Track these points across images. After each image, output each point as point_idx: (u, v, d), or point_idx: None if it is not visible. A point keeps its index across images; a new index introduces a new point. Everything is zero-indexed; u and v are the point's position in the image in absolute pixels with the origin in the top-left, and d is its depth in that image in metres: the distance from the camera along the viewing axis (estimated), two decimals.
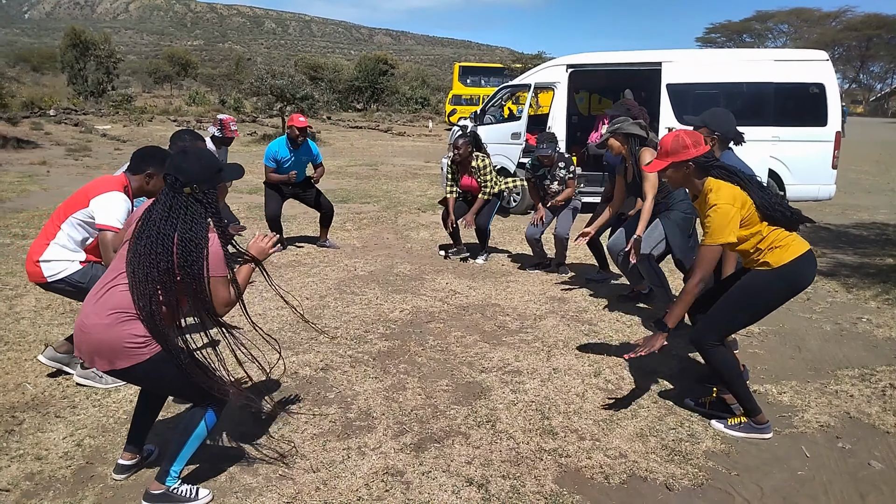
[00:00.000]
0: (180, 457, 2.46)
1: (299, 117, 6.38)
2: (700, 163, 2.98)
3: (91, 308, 2.37)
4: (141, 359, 2.31)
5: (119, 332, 2.29)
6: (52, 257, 3.29)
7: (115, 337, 2.29)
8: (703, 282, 2.92)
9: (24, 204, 8.72)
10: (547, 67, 9.45)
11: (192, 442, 2.46)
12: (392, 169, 14.39)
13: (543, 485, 2.69)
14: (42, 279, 3.31)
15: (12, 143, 15.26)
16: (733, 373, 3.06)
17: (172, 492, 2.45)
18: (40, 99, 25.10)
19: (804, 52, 8.85)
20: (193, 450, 2.48)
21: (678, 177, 3.07)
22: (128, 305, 2.31)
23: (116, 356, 2.31)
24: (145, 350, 2.31)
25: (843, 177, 10.45)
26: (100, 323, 2.31)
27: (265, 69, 22.46)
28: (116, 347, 2.29)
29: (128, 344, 2.29)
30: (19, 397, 3.35)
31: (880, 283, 5.63)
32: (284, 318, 4.60)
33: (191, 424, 2.47)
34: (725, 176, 2.96)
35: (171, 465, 2.45)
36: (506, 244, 7.23)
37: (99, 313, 2.33)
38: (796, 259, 2.94)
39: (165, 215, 2.36)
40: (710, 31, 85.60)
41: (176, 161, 2.45)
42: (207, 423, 2.49)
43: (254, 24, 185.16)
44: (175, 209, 2.37)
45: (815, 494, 2.67)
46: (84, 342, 2.35)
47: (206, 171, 2.44)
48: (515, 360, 3.96)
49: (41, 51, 53.70)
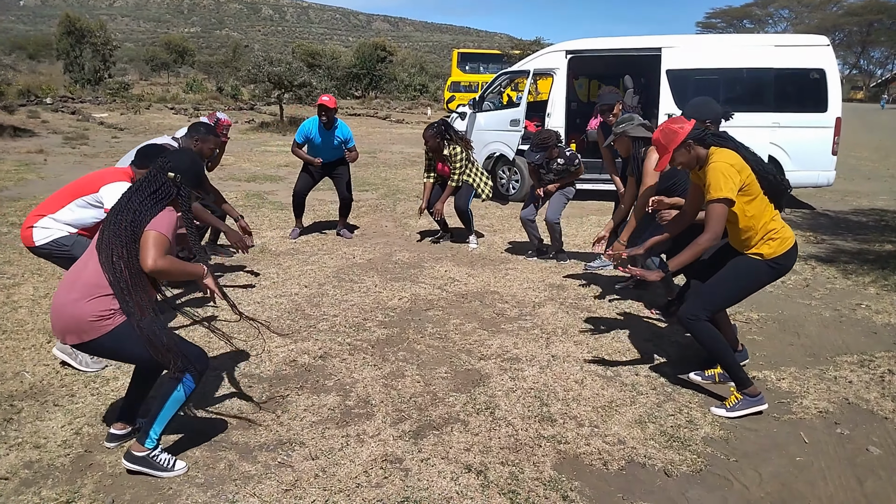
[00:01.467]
0: (159, 419, 2.57)
1: (323, 96, 6.35)
2: (696, 136, 3.13)
3: (63, 286, 2.52)
4: (105, 330, 2.44)
5: (84, 307, 2.42)
6: (45, 224, 3.49)
7: (81, 312, 2.42)
8: (715, 238, 3.01)
9: (21, 192, 8.68)
10: (546, 53, 9.38)
11: (169, 406, 2.57)
12: (390, 156, 14.34)
13: (542, 471, 2.69)
14: (31, 243, 3.50)
15: (9, 132, 15.17)
16: (719, 345, 3.16)
17: (152, 457, 2.58)
18: (37, 87, 24.93)
19: (805, 37, 8.79)
20: (172, 413, 2.58)
21: (687, 157, 3.18)
22: (96, 283, 2.44)
23: (83, 330, 2.44)
24: (109, 322, 2.44)
25: (842, 163, 10.41)
26: (68, 299, 2.45)
27: (262, 56, 22.28)
28: (82, 322, 2.42)
29: (92, 318, 2.42)
30: (17, 386, 3.35)
31: (879, 270, 5.62)
32: (283, 307, 4.59)
33: (169, 389, 2.58)
34: (720, 142, 3.13)
35: (150, 428, 2.57)
36: (504, 231, 7.22)
37: (69, 290, 2.47)
38: (787, 252, 3.11)
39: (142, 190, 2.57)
40: (711, 17, 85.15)
41: (173, 152, 2.77)
42: (185, 388, 2.58)
43: (251, 10, 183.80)
44: (148, 182, 2.59)
45: (813, 480, 2.67)
46: (56, 319, 2.49)
47: (193, 171, 2.70)
48: (514, 347, 3.96)
49: (37, 38, 53.34)
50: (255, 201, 8.53)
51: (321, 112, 6.25)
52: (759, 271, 3.12)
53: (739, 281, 3.17)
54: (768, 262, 3.09)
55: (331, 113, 6.26)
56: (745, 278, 3.16)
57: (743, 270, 3.14)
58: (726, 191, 2.95)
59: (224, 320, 4.26)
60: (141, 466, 2.57)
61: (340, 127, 6.44)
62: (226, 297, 2.84)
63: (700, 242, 3.03)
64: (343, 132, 6.46)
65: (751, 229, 3.09)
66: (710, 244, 3.02)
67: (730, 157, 3.03)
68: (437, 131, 6.12)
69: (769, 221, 3.09)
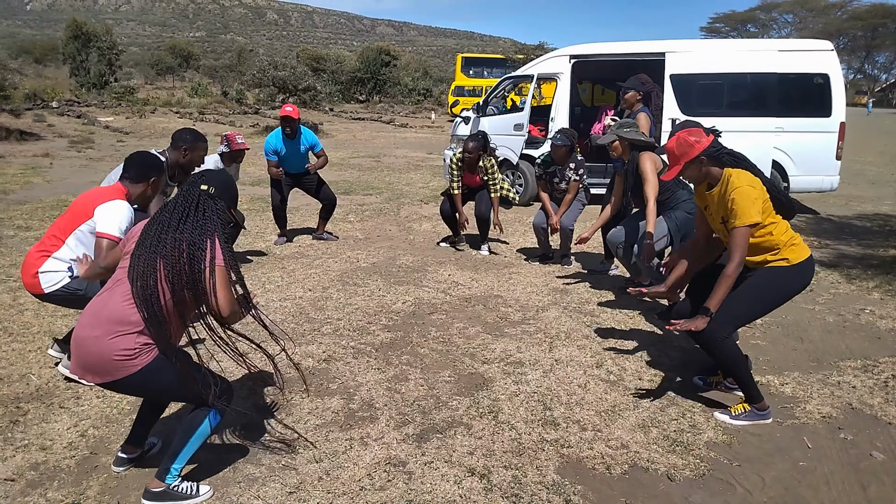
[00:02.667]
0: (181, 455, 2.44)
1: (286, 107, 6.29)
2: (710, 153, 3.07)
3: (86, 319, 2.35)
4: (132, 370, 2.29)
5: (110, 345, 2.27)
6: (50, 268, 3.22)
7: (106, 350, 2.27)
8: (741, 265, 2.94)
9: (27, 196, 8.74)
10: (550, 58, 9.40)
11: (194, 441, 2.45)
12: (394, 160, 14.37)
13: (545, 475, 2.70)
14: (40, 290, 3.24)
15: (15, 136, 15.26)
16: (739, 362, 3.11)
17: (173, 489, 2.43)
18: (43, 91, 25.06)
19: (809, 41, 8.79)
20: (195, 448, 2.47)
21: (696, 173, 3.13)
22: (121, 318, 2.29)
23: (107, 369, 2.29)
24: (136, 361, 2.29)
25: (847, 168, 10.39)
26: (91, 335, 2.29)
27: (267, 61, 22.45)
28: (107, 360, 2.27)
29: (117, 357, 2.27)
30: (24, 388, 3.37)
31: (883, 275, 5.61)
32: (287, 311, 4.61)
33: (194, 423, 2.45)
34: (734, 162, 3.07)
35: (171, 464, 2.43)
36: (508, 236, 7.23)
37: (92, 325, 2.31)
38: (809, 258, 3.09)
39: (178, 213, 2.38)
40: (715, 21, 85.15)
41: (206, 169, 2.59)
42: (211, 423, 2.47)
43: (256, 15, 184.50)
44: (189, 206, 2.39)
45: (816, 485, 2.67)
46: (78, 356, 2.33)
47: (228, 187, 2.53)
48: (517, 351, 3.97)
49: (43, 42, 53.59)
50: (260, 205, 8.56)
51: (285, 123, 6.19)
52: (790, 280, 3.07)
53: (769, 293, 3.09)
54: (796, 268, 3.04)
55: (294, 123, 6.20)
56: (773, 290, 3.08)
57: (771, 282, 3.07)
58: (754, 216, 2.90)
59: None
60: (163, 502, 2.43)
61: (304, 134, 6.40)
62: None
63: (728, 274, 2.92)
64: (308, 139, 6.41)
65: (770, 239, 3.04)
66: (738, 271, 2.93)
67: (750, 180, 2.98)
68: (481, 143, 6.10)
69: (786, 231, 3.07)
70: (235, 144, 5.35)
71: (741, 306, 3.09)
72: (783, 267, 3.05)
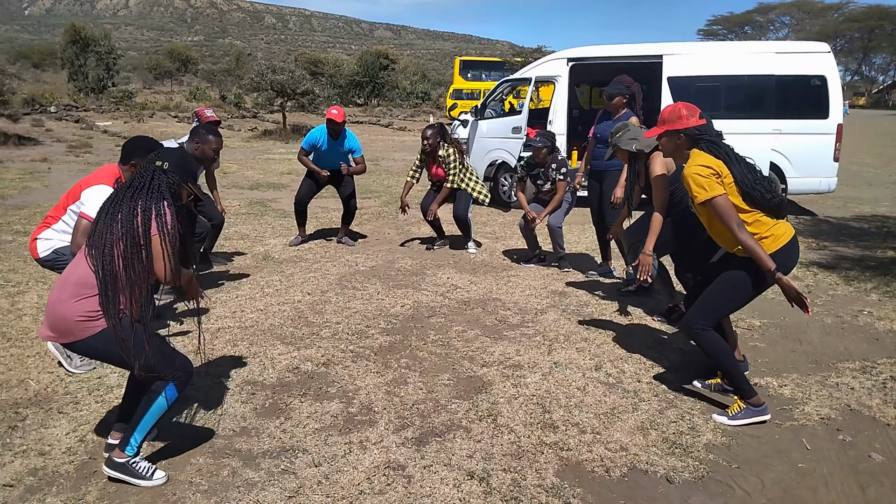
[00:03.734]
0: (139, 427, 2.56)
1: (332, 109, 6.41)
2: (691, 134, 3.13)
3: (57, 284, 2.53)
4: (92, 332, 2.44)
5: (74, 307, 2.43)
6: (47, 236, 3.61)
7: (70, 311, 2.43)
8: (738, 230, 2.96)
9: (25, 201, 8.73)
10: (548, 61, 9.42)
11: (151, 414, 2.56)
12: (393, 164, 14.38)
13: (544, 478, 2.70)
14: (36, 255, 3.63)
15: (13, 140, 15.25)
16: (725, 355, 3.15)
17: (131, 464, 2.57)
18: (41, 95, 25.09)
19: (806, 44, 8.81)
20: (153, 421, 2.59)
21: (670, 146, 3.23)
22: (86, 281, 2.44)
23: (70, 329, 2.44)
24: (96, 323, 2.44)
25: (844, 169, 10.40)
26: (59, 298, 2.46)
27: (265, 64, 22.40)
28: (70, 321, 2.43)
29: (80, 318, 2.42)
30: (22, 393, 3.37)
31: (881, 276, 5.62)
32: (286, 314, 4.60)
33: (151, 397, 2.57)
34: (712, 149, 3.07)
35: (131, 435, 2.56)
36: (506, 238, 7.23)
37: (60, 289, 2.49)
38: (782, 248, 3.02)
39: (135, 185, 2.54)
40: (712, 24, 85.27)
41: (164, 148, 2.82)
42: (168, 397, 2.58)
43: (254, 19, 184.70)
44: (144, 179, 2.55)
45: (815, 486, 2.67)
46: (46, 317, 2.51)
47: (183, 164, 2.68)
48: (516, 354, 3.97)
49: (41, 47, 53.69)
50: (258, 209, 8.56)
51: (329, 126, 6.32)
52: (759, 271, 3.01)
53: (741, 285, 3.09)
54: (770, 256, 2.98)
55: (339, 127, 6.34)
56: (745, 281, 3.08)
57: (742, 273, 3.08)
58: (711, 189, 2.94)
59: (227, 328, 4.28)
60: (120, 473, 2.57)
61: (349, 137, 6.54)
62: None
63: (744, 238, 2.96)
64: (351, 142, 6.54)
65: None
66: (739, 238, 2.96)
67: (702, 160, 3.01)
68: (438, 130, 6.30)
69: (753, 223, 3.01)
70: (205, 117, 5.54)
71: (717, 298, 3.15)
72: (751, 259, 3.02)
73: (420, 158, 6.47)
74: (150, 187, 2.53)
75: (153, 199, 2.50)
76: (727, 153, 3.06)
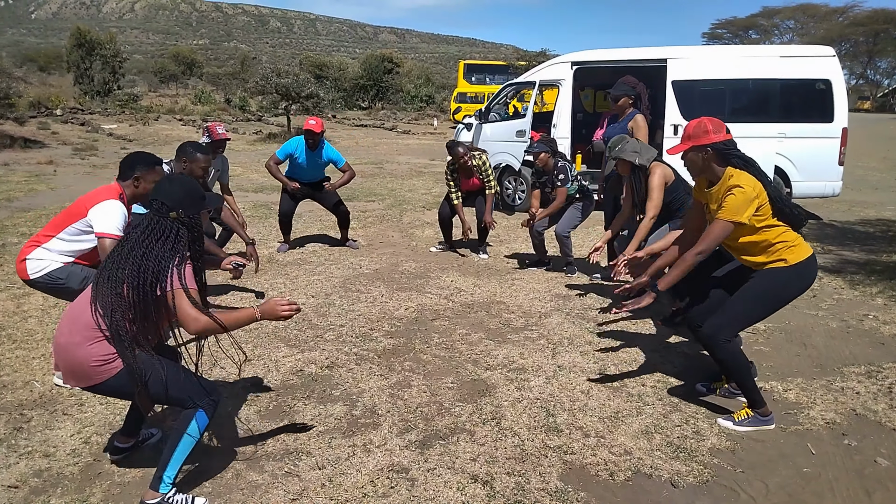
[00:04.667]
0: (172, 461, 2.40)
1: (310, 119, 6.28)
2: (719, 149, 3.06)
3: (65, 325, 2.40)
4: (109, 375, 2.33)
5: (88, 351, 2.32)
6: (36, 257, 3.36)
7: (83, 357, 2.32)
8: (703, 254, 3.00)
9: (31, 203, 8.77)
10: (552, 65, 9.43)
11: (183, 445, 2.41)
12: (397, 167, 14.40)
13: (548, 482, 2.69)
14: (26, 276, 3.38)
15: (19, 143, 15.33)
16: (742, 367, 3.11)
17: (168, 501, 2.40)
18: (47, 99, 25.16)
19: (810, 47, 8.81)
20: (186, 453, 2.42)
21: (697, 161, 3.13)
22: (96, 326, 2.33)
23: (86, 374, 2.34)
24: (114, 364, 2.33)
25: (849, 173, 10.40)
26: (70, 342, 2.34)
27: (270, 68, 22.52)
28: (85, 366, 2.33)
29: (94, 363, 2.32)
30: (27, 395, 3.38)
31: (887, 280, 5.60)
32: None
33: (182, 427, 2.42)
34: (743, 165, 3.04)
35: (164, 472, 2.40)
36: (510, 242, 7.23)
37: (71, 331, 2.36)
38: (809, 258, 3.05)
39: (145, 236, 2.41)
40: (716, 27, 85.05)
41: (162, 186, 2.55)
42: (199, 425, 2.44)
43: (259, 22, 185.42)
44: (156, 231, 2.42)
45: (820, 492, 2.66)
46: (58, 360, 2.40)
47: (191, 197, 2.53)
48: (520, 357, 3.96)
49: (47, 51, 53.88)
50: (263, 212, 8.58)
51: (307, 136, 6.19)
52: (788, 281, 3.03)
53: (767, 296, 3.07)
54: (794, 269, 3.01)
55: (317, 137, 6.21)
56: (772, 292, 3.06)
57: (770, 284, 3.05)
58: (741, 216, 2.91)
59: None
60: None
61: (326, 149, 6.39)
62: None
63: (687, 258, 3.01)
64: (329, 153, 6.40)
65: (767, 239, 3.03)
66: (698, 259, 2.99)
67: (753, 182, 2.96)
68: (467, 146, 6.18)
69: (783, 233, 3.04)
70: (216, 135, 5.37)
71: (741, 309, 3.10)
72: (781, 268, 3.03)
73: (452, 175, 6.34)
74: (164, 245, 2.40)
75: (167, 260, 2.38)
76: (757, 169, 3.05)
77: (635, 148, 4.55)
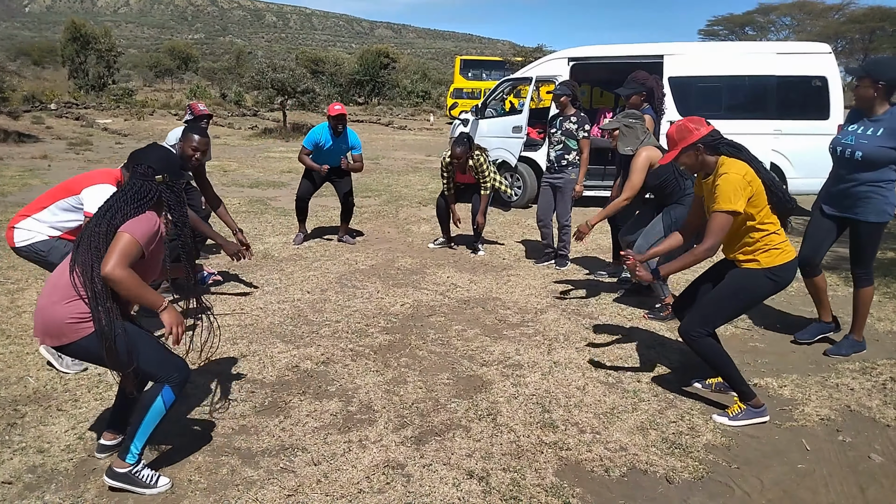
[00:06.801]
0: (139, 434, 2.51)
1: (335, 105, 6.42)
2: (708, 142, 3.11)
3: (47, 289, 2.49)
4: (82, 334, 2.41)
5: (65, 309, 2.40)
6: (25, 226, 3.45)
7: (60, 314, 2.40)
8: (712, 250, 3.03)
9: (25, 198, 8.72)
10: (548, 61, 9.41)
11: (149, 420, 2.50)
12: (393, 163, 14.37)
13: (544, 477, 2.69)
14: (12, 243, 3.48)
15: (13, 137, 15.23)
16: (721, 359, 3.16)
17: (134, 474, 2.52)
18: (41, 93, 25.02)
19: (807, 44, 8.80)
20: (152, 427, 2.52)
21: (692, 161, 3.18)
22: (76, 284, 2.41)
23: (61, 332, 2.41)
24: (87, 325, 2.40)
25: None
26: (49, 302, 2.44)
27: (266, 63, 22.37)
28: (60, 324, 2.40)
29: (70, 320, 2.39)
30: (21, 390, 3.36)
31: (881, 277, 5.62)
32: (285, 313, 4.60)
33: (148, 402, 2.51)
34: (734, 152, 3.10)
35: (131, 442, 2.52)
36: (506, 237, 7.23)
37: (50, 293, 2.45)
38: (785, 265, 3.09)
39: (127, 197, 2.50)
40: (713, 24, 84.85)
41: (148, 153, 2.70)
42: (165, 401, 2.51)
43: (255, 17, 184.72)
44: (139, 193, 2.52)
45: (815, 487, 2.67)
46: (37, 320, 2.48)
47: (175, 164, 2.70)
48: (516, 353, 3.96)
49: (42, 44, 53.52)
50: (258, 207, 8.56)
51: (336, 122, 6.30)
52: (758, 282, 3.10)
53: (738, 294, 3.14)
54: (766, 272, 3.07)
55: (344, 121, 6.37)
56: (743, 291, 3.13)
57: (740, 283, 3.13)
58: (735, 203, 2.94)
59: (226, 326, 4.28)
60: (122, 483, 2.52)
61: (350, 133, 6.55)
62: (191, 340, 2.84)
63: (697, 253, 3.05)
64: (352, 139, 6.56)
65: (750, 237, 3.08)
66: (707, 255, 3.03)
67: (742, 169, 3.01)
68: (467, 146, 6.13)
69: (771, 233, 3.07)
70: (198, 110, 5.52)
71: (711, 307, 3.17)
72: (753, 269, 3.10)
73: (447, 170, 6.34)
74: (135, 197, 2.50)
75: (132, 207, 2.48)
76: (748, 154, 3.11)
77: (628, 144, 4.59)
